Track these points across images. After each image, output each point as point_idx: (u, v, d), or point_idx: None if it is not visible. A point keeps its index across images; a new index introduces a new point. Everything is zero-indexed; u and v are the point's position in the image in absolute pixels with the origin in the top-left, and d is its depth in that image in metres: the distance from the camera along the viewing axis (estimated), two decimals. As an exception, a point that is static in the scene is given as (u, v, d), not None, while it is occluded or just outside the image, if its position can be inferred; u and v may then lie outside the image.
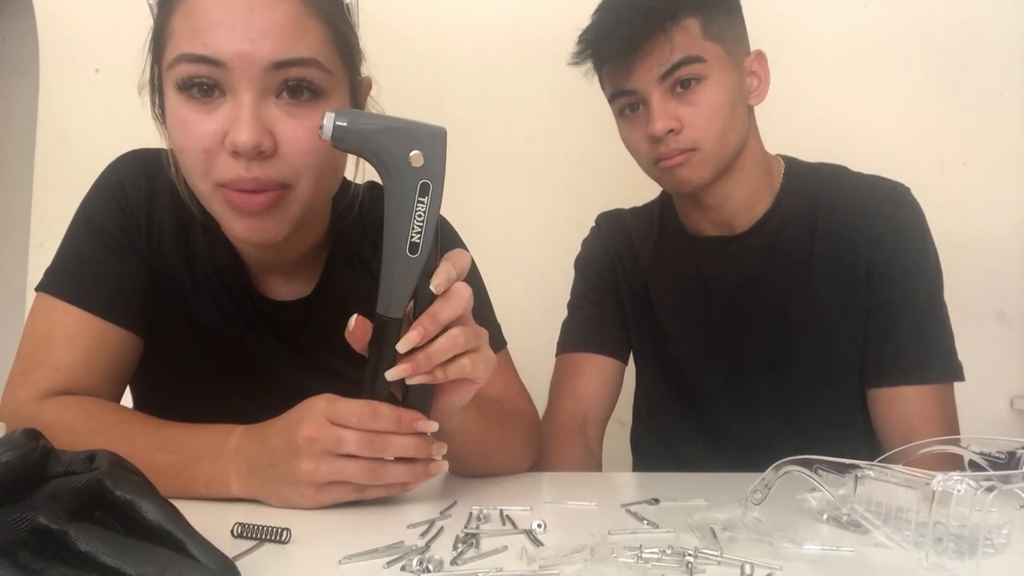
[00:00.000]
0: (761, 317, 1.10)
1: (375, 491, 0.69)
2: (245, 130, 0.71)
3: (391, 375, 0.65)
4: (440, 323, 0.65)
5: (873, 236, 1.05)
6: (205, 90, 0.73)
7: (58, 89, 1.75)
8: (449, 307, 0.65)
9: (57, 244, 0.87)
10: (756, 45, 1.09)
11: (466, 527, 0.63)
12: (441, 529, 0.62)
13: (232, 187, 0.74)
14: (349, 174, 0.88)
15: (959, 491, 0.50)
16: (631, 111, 1.05)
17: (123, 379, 0.87)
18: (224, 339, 0.90)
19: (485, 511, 0.67)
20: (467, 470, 0.85)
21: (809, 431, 1.09)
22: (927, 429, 0.99)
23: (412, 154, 0.63)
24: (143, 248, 0.87)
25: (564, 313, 1.25)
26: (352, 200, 0.91)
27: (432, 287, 0.64)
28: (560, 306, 1.25)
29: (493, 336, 0.72)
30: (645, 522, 0.65)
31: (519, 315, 1.09)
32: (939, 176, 1.67)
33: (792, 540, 0.58)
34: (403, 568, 0.52)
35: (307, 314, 0.91)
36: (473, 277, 0.75)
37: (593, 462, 1.14)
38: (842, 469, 0.59)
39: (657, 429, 1.23)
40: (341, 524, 0.65)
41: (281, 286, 0.91)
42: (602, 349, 1.18)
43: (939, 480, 0.51)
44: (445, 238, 0.86)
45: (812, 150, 1.16)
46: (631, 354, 1.24)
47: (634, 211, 1.26)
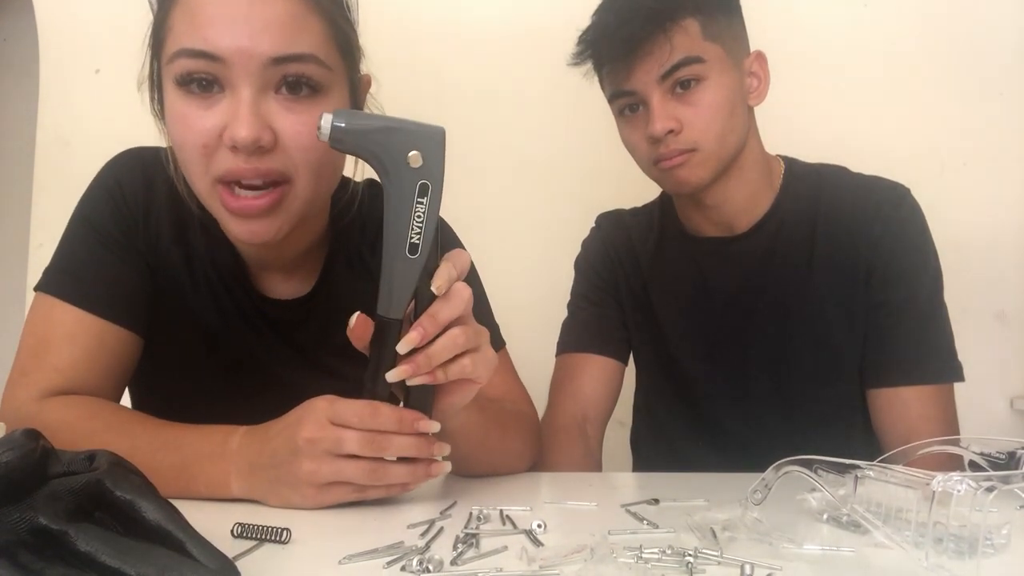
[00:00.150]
0: (761, 317, 1.10)
1: (376, 492, 0.69)
2: (244, 125, 0.71)
3: (391, 376, 0.65)
4: (440, 323, 0.65)
5: (873, 236, 1.05)
6: (204, 85, 0.73)
7: (58, 89, 1.75)
8: (449, 307, 0.65)
9: (56, 244, 0.87)
10: (756, 45, 1.08)
11: (466, 527, 0.63)
12: (441, 529, 0.62)
13: (231, 177, 0.73)
14: (348, 172, 0.88)
15: (959, 491, 0.50)
16: (631, 112, 1.05)
17: (123, 379, 0.87)
18: (223, 337, 0.90)
19: (485, 511, 0.67)
20: (468, 470, 0.84)
21: (809, 431, 1.08)
22: (927, 429, 0.99)
23: (411, 154, 0.63)
24: (141, 247, 0.87)
25: (564, 313, 1.25)
26: (351, 198, 0.91)
27: (433, 288, 0.64)
28: (560, 306, 1.25)
29: (492, 336, 0.72)
30: (645, 522, 0.65)
31: (519, 315, 1.09)
32: (939, 176, 1.67)
33: (792, 540, 0.58)
34: (403, 568, 0.52)
35: (306, 313, 0.91)
36: (472, 277, 0.75)
37: (593, 462, 1.14)
38: (842, 469, 0.59)
39: (657, 429, 1.23)
40: (341, 524, 0.65)
41: (280, 284, 0.91)
42: (602, 349, 1.18)
43: (939, 480, 0.51)
44: (444, 238, 0.86)
45: (812, 150, 1.16)
46: (631, 354, 1.23)
47: (634, 211, 1.26)
